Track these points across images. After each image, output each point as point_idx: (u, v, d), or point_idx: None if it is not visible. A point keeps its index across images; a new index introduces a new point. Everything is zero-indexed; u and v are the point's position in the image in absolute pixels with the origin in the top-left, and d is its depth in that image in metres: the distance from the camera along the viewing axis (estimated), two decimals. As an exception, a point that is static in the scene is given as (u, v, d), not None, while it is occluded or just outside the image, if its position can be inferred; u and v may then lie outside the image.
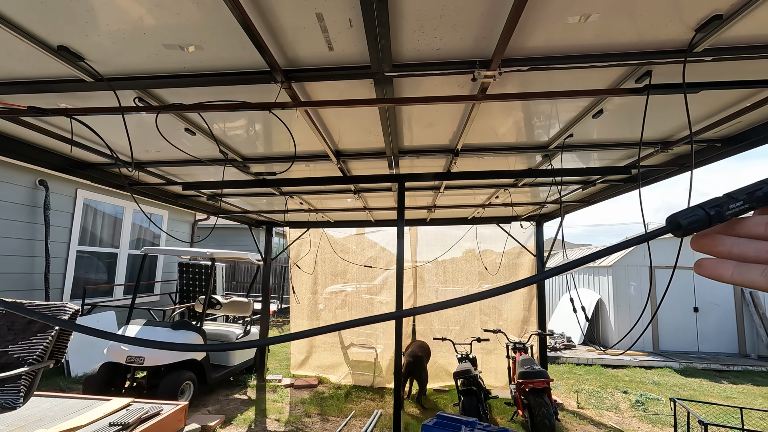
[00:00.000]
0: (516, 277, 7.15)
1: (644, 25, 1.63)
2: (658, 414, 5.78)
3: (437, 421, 2.00)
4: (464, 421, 1.99)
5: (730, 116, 2.52)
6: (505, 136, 2.95)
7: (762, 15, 1.55)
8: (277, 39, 1.65)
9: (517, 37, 1.64)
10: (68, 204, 7.20)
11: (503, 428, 1.96)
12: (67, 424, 3.51)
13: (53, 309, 3.31)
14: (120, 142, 2.84)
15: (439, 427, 1.91)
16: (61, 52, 1.66)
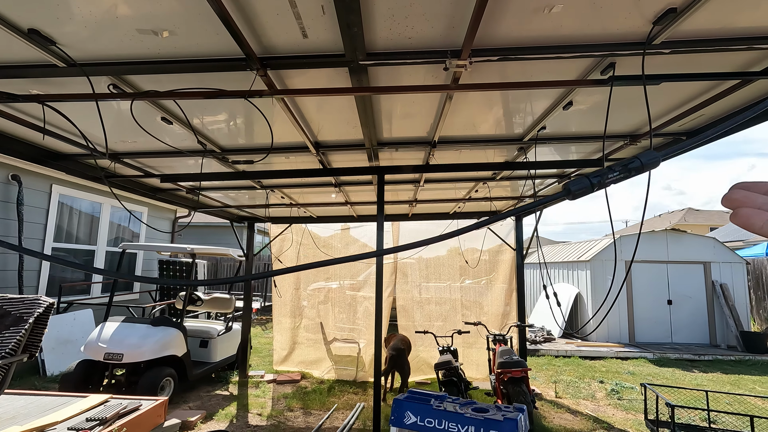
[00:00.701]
0: (497, 272, 7.29)
1: (606, 17, 1.71)
2: (631, 401, 5.98)
3: (408, 395, 2.06)
4: (434, 395, 2.05)
5: (692, 109, 2.64)
6: (481, 128, 3.02)
7: (713, 8, 1.64)
8: (251, 25, 1.68)
9: (486, 27, 1.70)
10: (43, 200, 7.03)
11: (470, 401, 2.03)
12: (43, 420, 3.47)
13: (27, 302, 3.26)
14: (95, 132, 2.81)
15: (410, 401, 1.97)
16: (32, 35, 1.65)
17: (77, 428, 3.18)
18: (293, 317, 7.56)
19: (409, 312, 7.32)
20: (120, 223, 9.02)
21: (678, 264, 10.18)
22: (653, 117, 2.88)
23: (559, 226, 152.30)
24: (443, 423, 1.84)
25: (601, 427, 5.04)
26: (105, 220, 8.45)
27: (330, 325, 7.41)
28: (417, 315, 7.30)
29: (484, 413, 1.81)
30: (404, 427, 1.91)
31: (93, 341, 5.33)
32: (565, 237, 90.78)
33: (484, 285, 7.36)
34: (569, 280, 11.40)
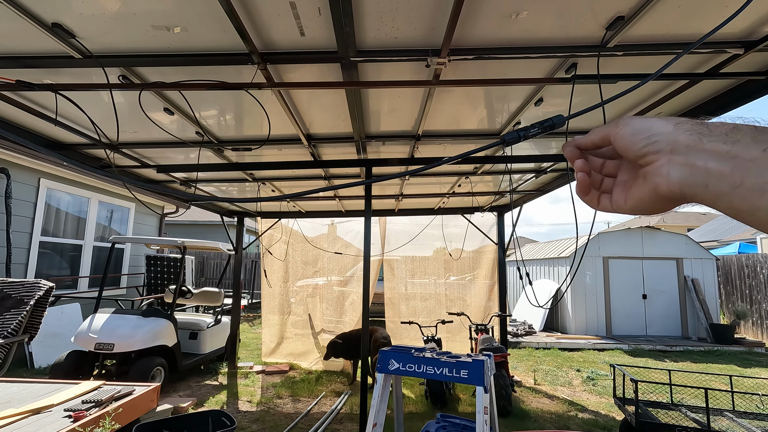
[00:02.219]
0: (479, 266, 7.58)
1: (567, 22, 1.96)
2: (605, 387, 6.31)
3: (393, 348, 2.30)
4: (415, 348, 2.30)
5: (650, 107, 2.94)
6: (462, 123, 3.27)
7: (656, 17, 1.91)
8: (255, 24, 1.88)
9: (462, 29, 1.94)
10: (30, 193, 7.04)
11: (446, 351, 2.27)
12: (39, 403, 3.59)
13: (27, 286, 3.39)
14: (97, 122, 2.96)
15: (393, 351, 2.21)
16: (55, 29, 1.83)
17: (74, 410, 3.31)
18: (281, 314, 7.71)
19: (395, 305, 7.56)
20: (108, 216, 9.04)
21: (652, 260, 10.64)
22: (616, 114, 3.17)
23: (543, 227, 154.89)
24: (422, 367, 2.09)
25: (576, 409, 5.34)
26: (93, 215, 8.47)
27: (317, 318, 7.59)
28: (403, 308, 7.54)
29: (457, 358, 2.07)
30: (389, 372, 2.15)
31: (83, 332, 5.41)
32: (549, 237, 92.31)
33: (468, 281, 7.65)
34: (550, 276, 11.79)
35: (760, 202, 0.33)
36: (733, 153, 0.35)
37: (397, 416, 2.50)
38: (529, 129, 0.75)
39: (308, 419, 4.81)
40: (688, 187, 0.39)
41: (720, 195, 0.36)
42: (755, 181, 0.33)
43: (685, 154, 0.39)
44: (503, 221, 7.12)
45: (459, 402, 5.54)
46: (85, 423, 3.10)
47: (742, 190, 0.34)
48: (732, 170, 0.35)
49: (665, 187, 0.41)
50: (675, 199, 0.42)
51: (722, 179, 0.36)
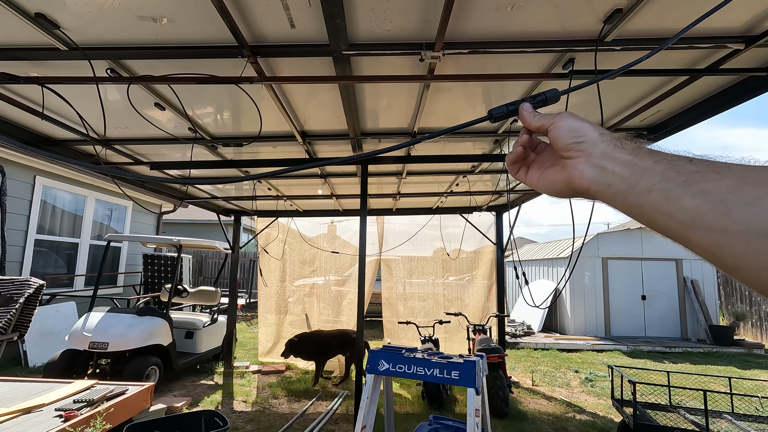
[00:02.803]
0: (478, 266, 7.54)
1: (563, 15, 1.92)
2: (604, 388, 6.27)
3: (383, 348, 2.26)
4: (405, 348, 2.25)
5: (649, 104, 2.89)
6: (458, 119, 3.22)
7: (654, 11, 1.87)
8: (243, 15, 1.84)
9: (456, 22, 1.89)
10: (26, 191, 7.00)
11: (437, 352, 2.22)
12: (30, 402, 3.54)
13: (17, 283, 3.34)
14: (88, 117, 2.91)
15: (383, 351, 2.17)
16: (38, 19, 1.78)
17: (65, 409, 3.27)
18: (278, 313, 7.66)
19: (393, 305, 7.51)
20: (104, 214, 8.99)
21: (652, 261, 10.60)
22: (615, 113, 3.13)
23: (543, 227, 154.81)
24: (412, 368, 2.04)
25: (573, 410, 5.29)
26: (89, 213, 8.43)
27: (315, 318, 7.54)
28: (400, 307, 7.50)
29: (449, 359, 2.02)
30: (378, 373, 2.10)
31: (78, 330, 5.36)
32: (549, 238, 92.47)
33: (466, 281, 7.60)
34: (549, 276, 11.74)
35: (647, 199, 0.42)
36: (633, 162, 0.45)
37: (388, 418, 2.46)
38: (518, 103, 0.69)
39: (304, 420, 4.77)
40: (596, 184, 0.48)
41: (618, 193, 0.46)
42: (645, 183, 0.43)
43: (600, 158, 0.49)
44: (502, 221, 7.08)
45: (456, 403, 5.50)
46: (76, 423, 3.06)
47: (635, 189, 0.44)
48: (630, 174, 0.45)
49: (577, 180, 0.50)
50: (581, 192, 0.51)
51: (622, 180, 0.45)
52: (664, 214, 0.41)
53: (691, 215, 0.38)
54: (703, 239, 0.38)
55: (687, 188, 0.39)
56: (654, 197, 0.42)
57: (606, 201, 0.48)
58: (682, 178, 0.40)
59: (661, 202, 0.41)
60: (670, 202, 0.40)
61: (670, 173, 0.41)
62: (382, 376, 2.07)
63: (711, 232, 0.37)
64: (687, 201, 0.39)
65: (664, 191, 0.41)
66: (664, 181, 0.41)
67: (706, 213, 0.37)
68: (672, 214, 0.40)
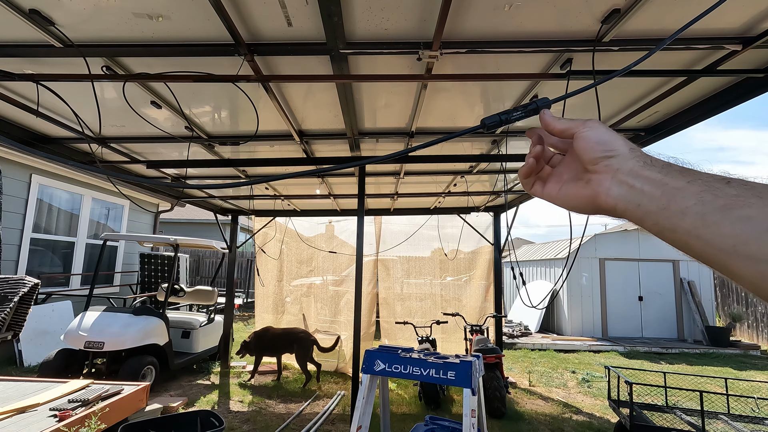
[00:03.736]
0: (476, 267, 7.53)
1: (561, 15, 1.91)
2: (600, 389, 6.27)
3: (379, 348, 2.25)
4: (402, 348, 2.25)
5: (646, 105, 2.89)
6: (456, 120, 3.22)
7: (652, 11, 1.86)
8: (240, 13, 1.82)
9: (454, 21, 1.88)
10: (22, 189, 6.96)
11: (434, 352, 2.22)
12: (24, 402, 3.52)
13: (11, 282, 3.32)
14: (84, 115, 2.90)
15: (380, 351, 2.16)
16: (33, 15, 1.77)
17: (59, 409, 3.25)
18: (276, 313, 7.64)
19: (390, 306, 7.50)
20: (101, 213, 8.95)
21: (649, 262, 10.62)
22: (613, 113, 3.12)
23: (541, 228, 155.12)
24: (408, 368, 2.04)
25: (570, 411, 5.30)
26: (86, 212, 8.39)
27: (312, 318, 7.53)
28: (398, 308, 7.48)
29: (445, 359, 2.02)
30: (374, 373, 2.09)
31: (73, 330, 5.33)
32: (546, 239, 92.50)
33: (464, 281, 7.59)
34: (546, 277, 11.76)
35: (680, 222, 0.40)
36: (664, 181, 0.43)
37: (384, 418, 2.45)
38: (511, 112, 0.69)
39: (300, 420, 4.75)
40: (624, 203, 0.46)
41: (648, 213, 0.44)
42: (678, 205, 0.40)
43: (627, 174, 0.46)
44: (499, 222, 7.08)
45: (453, 403, 5.49)
46: (71, 423, 3.04)
47: (667, 211, 0.41)
48: (661, 194, 0.42)
49: (603, 197, 0.48)
50: (607, 210, 0.49)
51: (653, 200, 0.43)
52: (701, 239, 0.38)
53: (733, 243, 0.35)
54: (747, 269, 0.35)
55: (727, 213, 0.36)
56: (689, 221, 0.39)
57: (635, 221, 0.46)
58: (721, 202, 0.37)
59: (696, 227, 0.38)
60: (708, 227, 0.37)
61: (706, 195, 0.38)
62: (378, 376, 2.06)
63: (757, 263, 0.34)
64: (727, 227, 0.36)
65: (700, 215, 0.38)
66: (699, 204, 0.38)
67: (750, 241, 0.34)
68: (710, 241, 0.37)
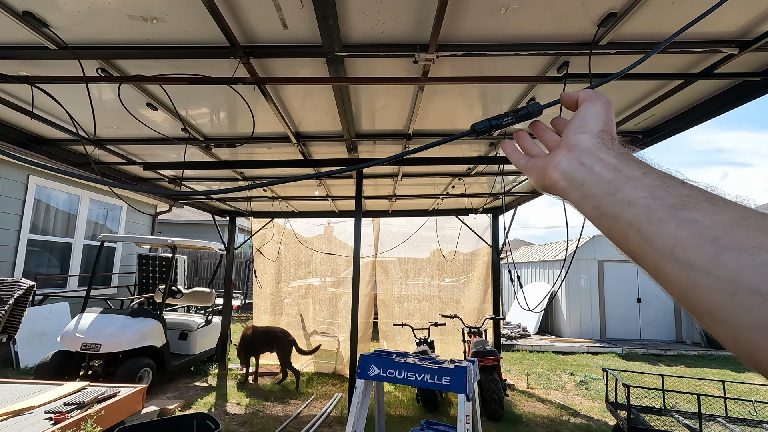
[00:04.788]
0: (474, 268, 7.52)
1: (557, 18, 1.91)
2: (598, 391, 6.26)
3: (374, 352, 2.24)
4: (397, 352, 2.24)
5: (644, 107, 2.88)
6: (453, 122, 3.21)
7: (649, 14, 1.86)
8: (235, 15, 1.82)
9: (450, 24, 1.88)
10: (19, 190, 6.94)
11: (428, 357, 2.21)
12: (19, 405, 3.50)
13: (6, 284, 3.30)
14: (80, 117, 2.88)
15: (374, 356, 2.15)
16: (26, 17, 1.76)
17: (55, 412, 3.23)
18: (273, 314, 7.62)
19: (388, 307, 7.48)
20: (98, 214, 8.93)
21: (647, 264, 10.60)
22: (610, 115, 3.11)
23: (539, 229, 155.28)
24: (403, 373, 2.03)
25: (568, 413, 5.29)
26: (83, 213, 8.37)
27: (310, 319, 7.51)
28: (396, 309, 7.47)
29: (440, 364, 2.01)
30: (369, 378, 2.08)
31: (70, 331, 5.32)
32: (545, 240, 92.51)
33: (462, 283, 7.58)
34: (544, 278, 11.76)
35: (624, 212, 0.38)
36: (618, 167, 0.41)
37: (378, 423, 2.44)
38: (501, 117, 0.69)
39: (297, 422, 4.74)
40: (567, 179, 0.45)
41: (590, 196, 0.42)
42: (627, 194, 0.38)
43: (583, 152, 0.45)
44: (498, 223, 7.07)
45: (451, 406, 5.48)
46: (66, 426, 3.02)
47: (613, 198, 0.39)
48: (612, 179, 0.40)
49: (551, 170, 0.47)
50: (549, 185, 0.48)
51: (600, 183, 0.41)
52: (641, 234, 0.36)
53: (672, 245, 0.34)
54: (678, 275, 0.33)
55: (675, 213, 0.35)
56: (633, 212, 0.37)
57: (573, 202, 0.44)
58: (672, 200, 0.36)
59: (640, 221, 0.36)
60: (652, 223, 0.35)
61: (658, 191, 0.37)
62: (372, 381, 2.05)
63: (690, 270, 0.32)
64: (671, 227, 0.34)
65: (647, 209, 0.36)
66: (650, 198, 0.37)
67: (690, 246, 0.32)
68: (650, 238, 0.35)
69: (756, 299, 0.28)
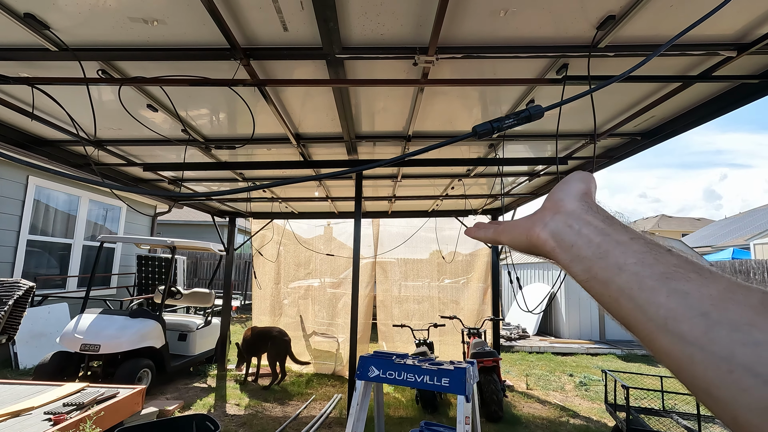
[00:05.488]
0: (473, 269, 7.53)
1: (557, 21, 1.92)
2: (598, 392, 6.27)
3: (374, 354, 2.25)
4: (396, 354, 2.24)
5: (642, 110, 2.89)
6: (453, 123, 3.22)
7: (647, 18, 1.87)
8: (236, 17, 1.82)
9: (449, 27, 1.89)
10: (18, 191, 6.94)
11: (428, 358, 2.21)
12: (19, 405, 3.50)
13: (6, 285, 3.30)
14: (80, 118, 2.89)
15: (374, 357, 2.16)
16: (27, 19, 1.76)
17: (54, 413, 3.23)
18: (273, 315, 7.62)
19: (387, 308, 7.48)
20: (98, 215, 8.93)
21: (646, 265, 10.61)
22: (609, 118, 3.13)
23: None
24: (403, 374, 2.03)
25: (568, 414, 5.29)
26: (83, 213, 8.37)
27: (310, 320, 7.51)
28: (395, 310, 7.47)
29: (439, 366, 2.02)
30: (369, 379, 2.09)
31: (69, 332, 5.31)
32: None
33: (462, 284, 7.59)
34: (543, 279, 11.76)
35: (615, 278, 0.37)
36: (606, 231, 0.40)
37: (378, 424, 2.44)
38: (503, 120, 0.70)
39: (297, 423, 4.74)
40: (556, 240, 0.43)
41: (580, 258, 0.40)
42: (617, 259, 0.37)
43: (569, 215, 0.44)
44: (497, 224, 7.07)
45: (450, 407, 5.48)
46: (65, 426, 3.02)
47: (604, 261, 0.38)
48: (600, 242, 0.39)
49: (538, 230, 0.46)
50: (537, 244, 0.46)
51: (589, 246, 0.40)
52: (633, 301, 0.35)
53: (665, 316, 0.33)
54: (673, 347, 0.32)
55: (664, 282, 0.34)
56: (624, 278, 0.36)
57: (563, 263, 0.43)
58: (661, 268, 0.35)
59: (631, 288, 0.35)
60: (643, 291, 0.35)
61: (647, 257, 0.36)
62: (372, 382, 2.06)
63: (684, 343, 0.31)
64: (662, 297, 0.33)
65: (637, 276, 0.35)
66: (639, 264, 0.36)
67: (683, 320, 0.32)
68: (642, 306, 0.34)
69: (752, 380, 0.27)
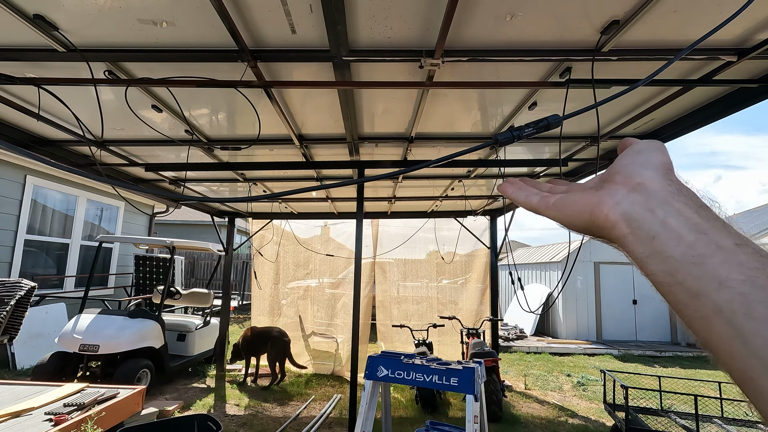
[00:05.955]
0: (472, 270, 7.56)
1: (561, 26, 1.94)
2: (596, 392, 6.31)
3: (382, 353, 2.27)
4: (404, 354, 2.27)
5: (643, 112, 2.93)
6: (455, 125, 3.24)
7: (650, 23, 1.90)
8: (245, 20, 1.84)
9: (456, 30, 1.91)
10: (16, 190, 6.90)
11: (436, 358, 2.24)
12: (19, 405, 3.48)
13: (7, 285, 3.30)
14: (84, 118, 2.89)
15: (382, 357, 2.18)
16: (37, 20, 1.77)
17: (55, 413, 3.22)
18: (272, 315, 7.62)
19: (387, 309, 7.50)
20: (95, 215, 8.89)
21: (643, 266, 10.68)
22: (610, 120, 3.17)
23: (535, 231, 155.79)
24: (411, 374, 2.05)
25: (566, 414, 5.33)
26: (80, 213, 8.33)
27: (308, 320, 7.51)
28: (394, 311, 7.49)
29: (447, 366, 2.04)
30: (377, 379, 2.11)
31: (68, 332, 5.29)
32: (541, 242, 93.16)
33: (460, 285, 7.62)
34: (541, 280, 11.82)
35: (713, 294, 0.29)
36: (703, 227, 0.31)
37: (386, 423, 2.46)
38: (523, 129, 0.72)
39: (297, 423, 4.74)
40: (632, 225, 0.34)
41: (663, 256, 0.32)
42: (718, 271, 0.29)
43: (651, 196, 0.35)
44: (496, 225, 7.12)
45: (449, 407, 5.50)
46: (66, 427, 3.02)
47: (699, 269, 0.30)
48: (694, 242, 0.31)
49: (606, 209, 0.36)
50: (603, 226, 0.37)
51: (678, 243, 0.31)
52: (732, 326, 0.27)
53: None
54: None
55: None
56: (725, 297, 0.28)
57: (634, 254, 0.34)
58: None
59: (734, 310, 0.27)
60: (750, 319, 0.27)
61: (760, 276, 0.27)
62: (380, 381, 2.08)
63: None
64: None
65: (745, 297, 0.27)
66: (748, 284, 0.27)
67: None
68: (745, 337, 0.27)
69: None
